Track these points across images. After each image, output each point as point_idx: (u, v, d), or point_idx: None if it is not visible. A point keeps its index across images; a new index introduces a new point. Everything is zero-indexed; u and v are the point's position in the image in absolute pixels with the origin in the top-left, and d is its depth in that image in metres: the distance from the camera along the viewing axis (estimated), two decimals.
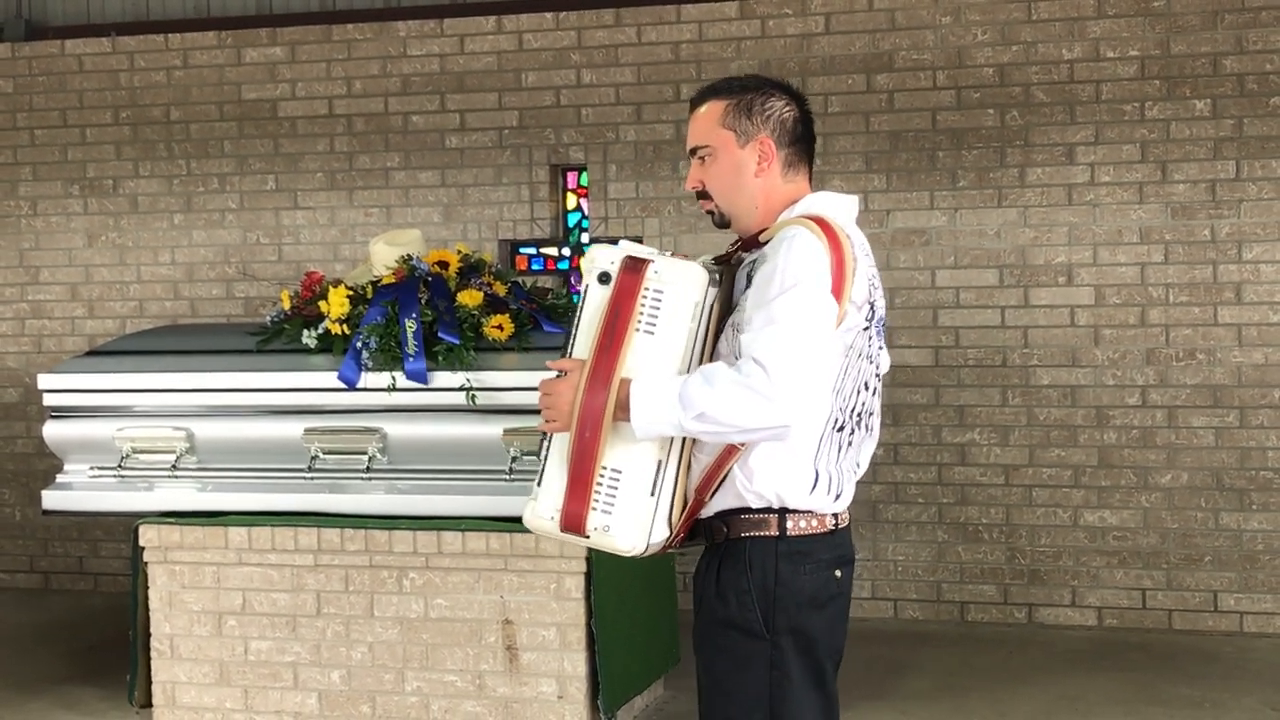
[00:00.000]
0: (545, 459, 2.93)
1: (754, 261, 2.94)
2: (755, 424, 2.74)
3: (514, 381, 5.26)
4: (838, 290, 2.83)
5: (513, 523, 5.23)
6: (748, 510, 2.91)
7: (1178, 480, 6.78)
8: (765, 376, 2.72)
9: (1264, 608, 6.70)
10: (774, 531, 2.90)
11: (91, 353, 5.98)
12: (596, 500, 2.84)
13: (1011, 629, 6.91)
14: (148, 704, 5.61)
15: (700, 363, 2.89)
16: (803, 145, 3.08)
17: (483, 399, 5.26)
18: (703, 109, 3.06)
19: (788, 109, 3.05)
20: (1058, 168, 6.87)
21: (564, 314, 5.55)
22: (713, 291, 2.90)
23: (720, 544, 2.94)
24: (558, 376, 2.90)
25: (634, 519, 2.85)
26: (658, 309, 2.84)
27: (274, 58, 7.77)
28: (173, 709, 5.54)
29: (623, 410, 2.81)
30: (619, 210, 7.39)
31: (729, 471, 2.89)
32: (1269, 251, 6.67)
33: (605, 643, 5.17)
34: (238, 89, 7.82)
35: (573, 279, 7.56)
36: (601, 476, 2.84)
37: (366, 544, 5.36)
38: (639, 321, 2.85)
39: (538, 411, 2.99)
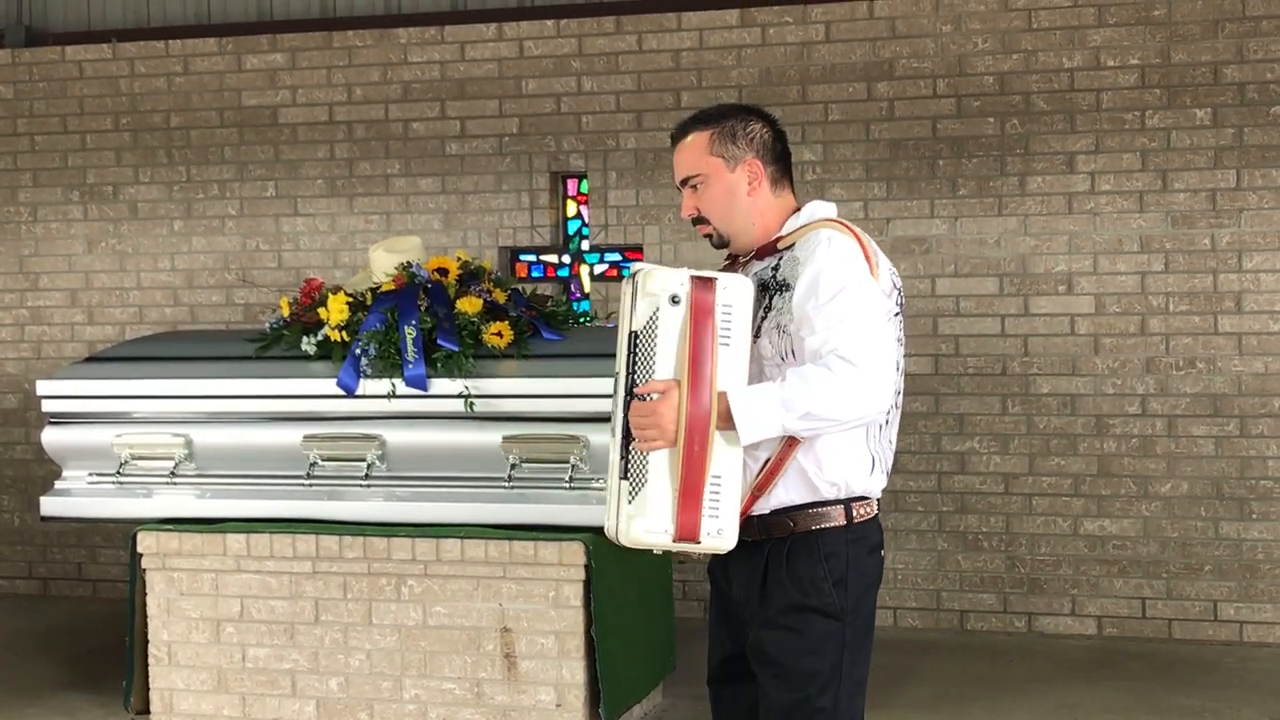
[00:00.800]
0: (645, 477, 3.02)
1: (776, 267, 3.15)
2: (855, 415, 3.00)
3: (513, 389, 5.26)
4: (872, 274, 3.10)
5: (511, 530, 5.24)
6: (815, 504, 3.13)
7: (1178, 489, 6.77)
8: (857, 371, 2.95)
9: (1264, 617, 6.69)
10: (842, 521, 3.14)
11: (91, 359, 5.97)
12: (706, 507, 3.00)
13: (1011, 638, 6.90)
14: (145, 710, 5.60)
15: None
16: (783, 161, 3.30)
17: (482, 406, 5.26)
18: (687, 140, 3.30)
19: (765, 130, 3.28)
20: (1058, 176, 6.87)
21: (563, 321, 5.55)
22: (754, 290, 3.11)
23: (785, 538, 3.13)
24: (648, 398, 3.01)
25: (735, 519, 3.03)
26: (729, 322, 3.01)
27: (274, 64, 7.77)
28: (170, 716, 5.53)
29: (724, 420, 2.98)
30: (619, 218, 7.39)
31: (789, 465, 3.09)
32: (1269, 261, 6.67)
33: (604, 651, 5.16)
34: (238, 95, 7.82)
35: (572, 286, 7.56)
36: (707, 485, 3.00)
37: (365, 551, 5.35)
38: (720, 336, 3.01)
39: (536, 419, 3.08)
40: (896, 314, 3.19)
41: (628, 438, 3.04)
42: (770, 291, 3.14)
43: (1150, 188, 6.77)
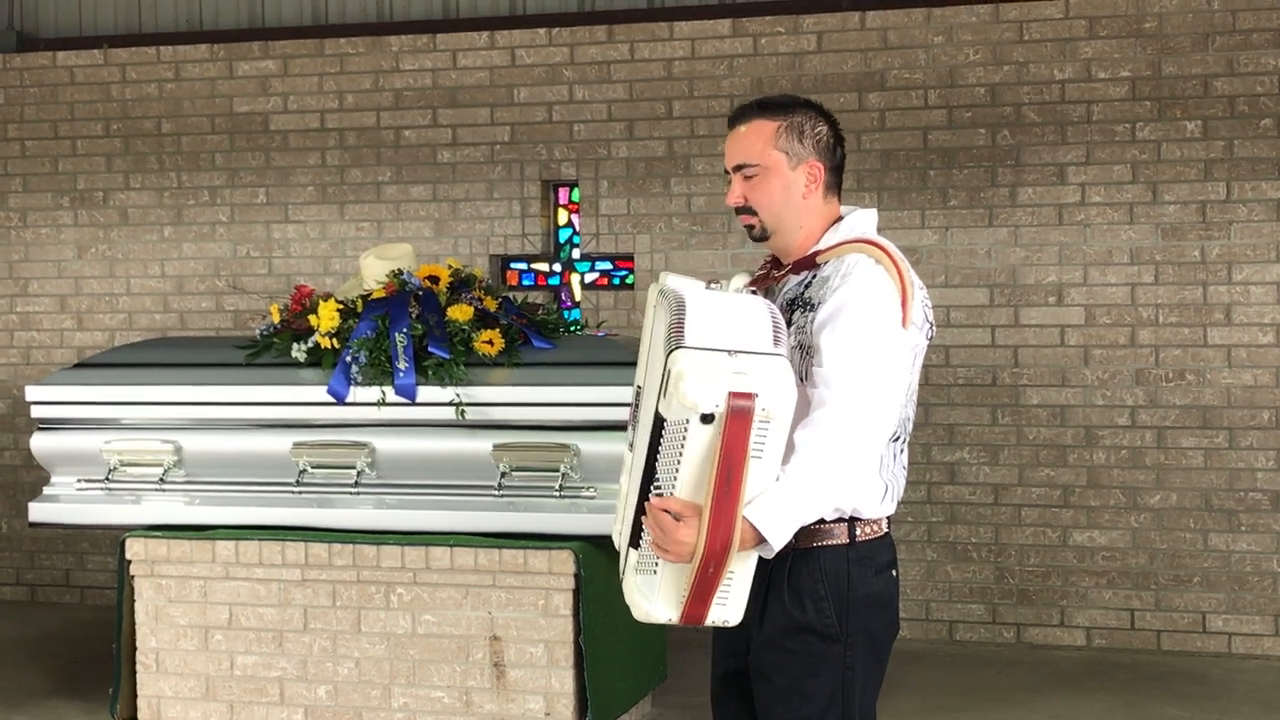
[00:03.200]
0: (655, 568, 2.89)
1: (809, 284, 3.05)
2: (859, 468, 2.94)
3: (504, 397, 5.26)
4: (905, 318, 3.00)
5: (501, 538, 5.23)
6: (818, 522, 3.02)
7: (1167, 501, 6.78)
8: (848, 422, 2.89)
9: (1252, 629, 6.70)
10: (844, 539, 3.05)
11: (80, 365, 5.95)
12: (716, 598, 2.87)
13: (1000, 648, 6.90)
14: (132, 718, 5.58)
15: None
16: (840, 169, 3.19)
17: (472, 414, 5.25)
18: (747, 127, 3.13)
19: (830, 134, 3.16)
20: (1049, 188, 6.88)
21: (555, 330, 5.55)
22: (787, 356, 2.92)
23: (787, 554, 3.02)
24: (666, 512, 2.84)
25: (744, 597, 2.91)
26: (764, 435, 2.80)
27: (266, 71, 7.77)
28: None
29: (750, 542, 2.85)
30: (610, 226, 7.39)
31: None
32: (1259, 273, 6.68)
33: (593, 660, 5.16)
34: (229, 102, 7.82)
35: (563, 294, 7.56)
36: (721, 583, 2.86)
37: (354, 559, 5.34)
38: (752, 450, 2.79)
39: (527, 427, 3.00)
40: (924, 347, 3.12)
41: (640, 519, 2.89)
42: (796, 308, 3.04)
43: (1140, 199, 6.79)
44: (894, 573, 3.16)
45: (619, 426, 4.16)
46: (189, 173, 7.89)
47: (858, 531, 3.06)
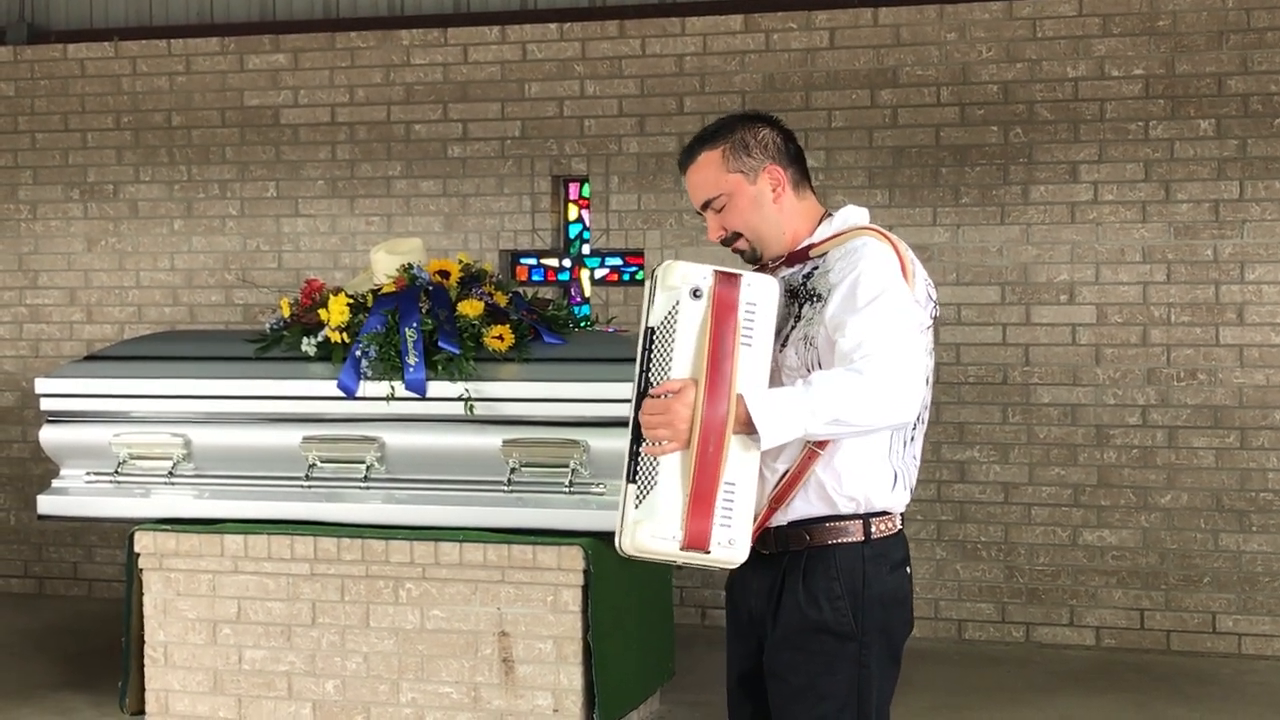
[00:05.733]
0: (655, 480, 2.89)
1: (809, 275, 3.07)
2: (883, 421, 2.89)
3: (513, 392, 5.25)
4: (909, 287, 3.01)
5: (510, 534, 5.22)
6: (832, 517, 3.02)
7: (1177, 501, 6.76)
8: (887, 376, 2.85)
9: (1262, 629, 6.68)
10: (860, 536, 3.03)
11: (89, 358, 5.96)
12: (718, 515, 2.86)
13: (1009, 648, 6.89)
14: (140, 711, 5.58)
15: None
16: (800, 162, 3.20)
17: (482, 409, 5.24)
18: (698, 161, 3.15)
19: (775, 133, 3.17)
20: (1061, 185, 6.86)
21: (564, 325, 5.54)
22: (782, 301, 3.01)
23: (801, 551, 3.03)
24: (662, 397, 2.87)
25: (749, 530, 2.91)
26: (752, 321, 2.90)
27: (277, 64, 7.76)
28: (165, 717, 5.51)
29: (742, 425, 2.85)
30: (620, 222, 7.38)
31: (807, 478, 2.99)
32: (1271, 272, 6.66)
33: (601, 656, 5.15)
34: (240, 95, 7.81)
35: (572, 290, 7.55)
36: (719, 492, 2.86)
37: (363, 554, 5.33)
38: (741, 335, 2.89)
39: (536, 423, 2.99)
40: (929, 326, 3.09)
41: (638, 439, 2.90)
42: (800, 300, 3.05)
43: (1153, 198, 6.77)
44: (908, 570, 3.14)
45: (629, 423, 4.14)
46: (199, 166, 7.89)
47: (873, 529, 3.04)
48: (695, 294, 2.88)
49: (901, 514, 3.13)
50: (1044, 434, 6.90)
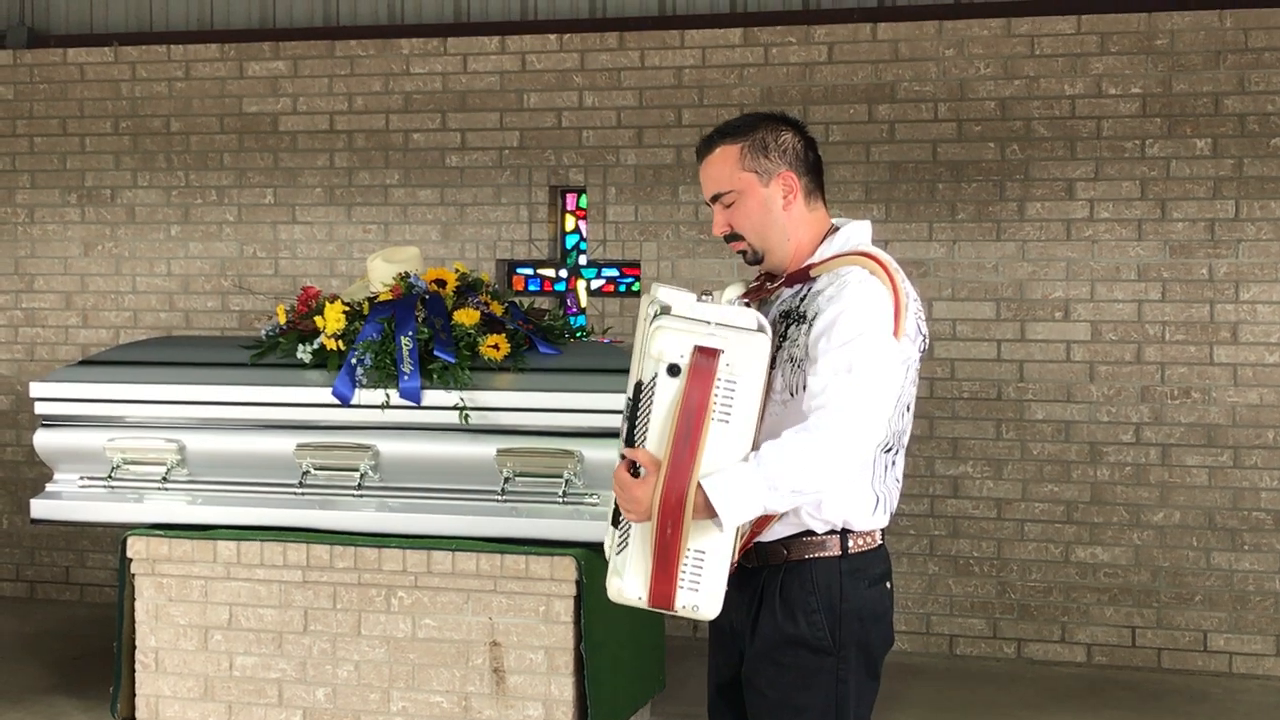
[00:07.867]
0: (628, 541, 2.94)
1: (804, 296, 3.03)
2: (838, 474, 2.87)
3: (508, 402, 5.25)
4: (897, 329, 2.96)
5: (503, 544, 5.22)
6: (810, 533, 3.02)
7: (1170, 519, 6.77)
8: (839, 434, 2.84)
9: (1253, 649, 6.68)
10: (837, 551, 3.03)
11: (84, 362, 5.95)
12: (683, 580, 2.89)
13: (1000, 664, 6.89)
14: (130, 717, 5.57)
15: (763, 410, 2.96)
16: (816, 172, 3.18)
17: (476, 419, 5.25)
18: (714, 155, 3.13)
19: (797, 139, 3.14)
20: (1057, 203, 6.88)
21: (560, 335, 5.55)
22: (771, 349, 2.94)
23: (779, 565, 3.02)
24: (632, 467, 2.90)
25: (718, 589, 2.91)
26: (731, 397, 2.86)
27: (276, 71, 7.77)
28: None
29: (701, 511, 2.84)
30: (618, 233, 7.39)
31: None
32: (1266, 292, 6.67)
33: (593, 667, 5.15)
34: (239, 102, 7.82)
35: (568, 301, 7.55)
36: (686, 559, 2.88)
37: (356, 561, 5.33)
38: (713, 413, 2.85)
39: (530, 433, 3.02)
40: (916, 360, 3.07)
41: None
42: (790, 321, 3.02)
43: (1149, 216, 6.78)
44: (888, 585, 3.13)
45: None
46: (197, 172, 7.89)
47: (850, 543, 3.04)
48: (672, 371, 2.86)
49: (882, 530, 3.11)
50: (1037, 450, 6.91)
